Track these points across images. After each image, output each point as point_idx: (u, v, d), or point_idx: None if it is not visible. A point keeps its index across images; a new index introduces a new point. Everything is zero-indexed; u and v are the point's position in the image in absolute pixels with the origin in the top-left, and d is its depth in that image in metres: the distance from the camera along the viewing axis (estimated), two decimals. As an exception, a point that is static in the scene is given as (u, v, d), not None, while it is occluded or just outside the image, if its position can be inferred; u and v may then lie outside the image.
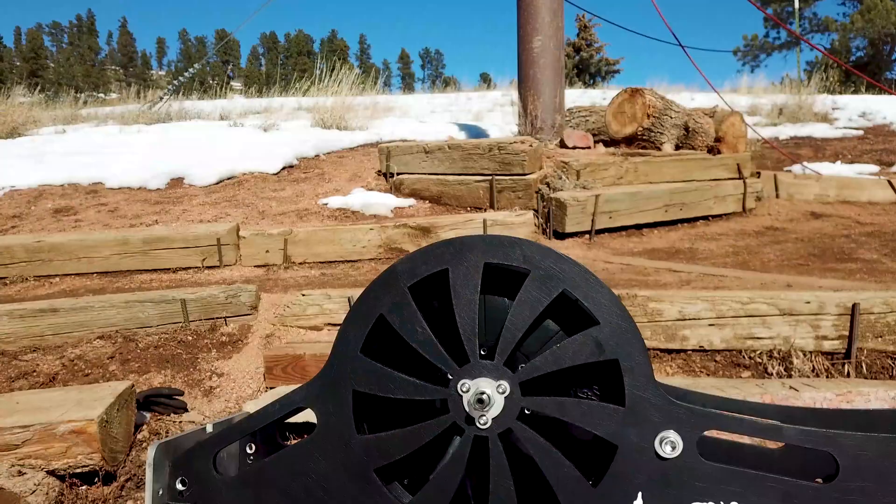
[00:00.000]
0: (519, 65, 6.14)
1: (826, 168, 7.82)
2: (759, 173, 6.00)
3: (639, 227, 4.86)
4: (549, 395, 0.95)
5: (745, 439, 1.12)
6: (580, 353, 0.95)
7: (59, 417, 2.16)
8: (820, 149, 9.66)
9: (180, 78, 10.99)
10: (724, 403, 1.13)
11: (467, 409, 0.95)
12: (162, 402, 2.59)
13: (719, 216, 5.25)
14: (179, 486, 1.04)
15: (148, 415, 2.60)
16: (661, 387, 0.92)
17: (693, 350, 2.79)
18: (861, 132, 10.91)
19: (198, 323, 3.14)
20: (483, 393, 0.93)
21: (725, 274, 3.58)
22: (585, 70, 38.45)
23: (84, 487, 2.23)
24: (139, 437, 2.46)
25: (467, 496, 1.03)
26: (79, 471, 2.19)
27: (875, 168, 8.03)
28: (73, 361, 2.90)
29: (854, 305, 2.61)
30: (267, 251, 4.35)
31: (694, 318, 2.74)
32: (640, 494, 0.93)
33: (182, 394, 2.64)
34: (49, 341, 3.06)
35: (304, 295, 3.17)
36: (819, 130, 10.98)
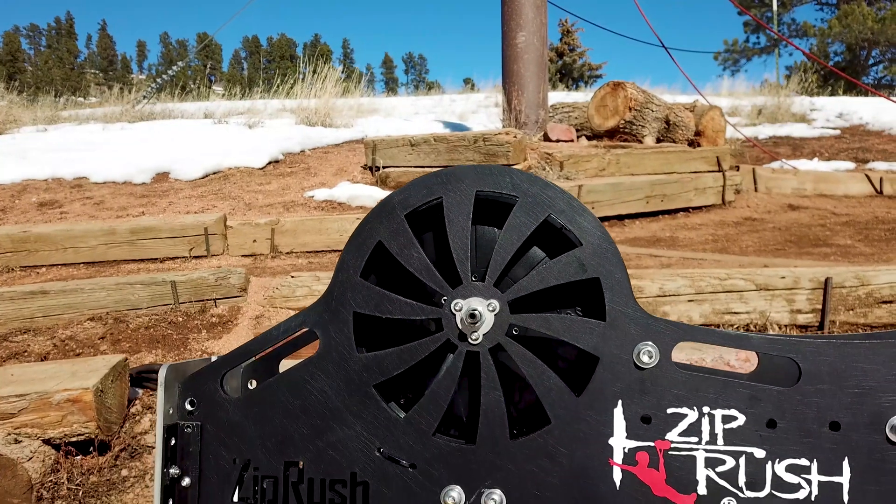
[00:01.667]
0: (503, 61, 6.23)
1: (804, 165, 7.97)
2: (738, 167, 6.12)
3: (621, 217, 4.95)
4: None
5: (719, 364, 1.20)
6: (564, 272, 1.02)
7: (54, 387, 2.20)
8: (798, 147, 9.84)
9: (163, 76, 10.98)
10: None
11: (460, 326, 1.02)
12: (154, 377, 2.63)
13: (699, 208, 5.36)
14: (188, 407, 1.10)
15: (140, 391, 2.63)
16: None
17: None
18: (838, 132, 11.12)
19: (188, 305, 3.18)
20: (475, 310, 1.00)
21: (705, 257, 3.67)
22: (568, 74, 38.75)
23: (79, 457, 2.27)
24: (132, 410, 2.50)
25: (459, 416, 1.10)
26: (74, 439, 2.22)
27: (851, 165, 8.20)
28: (65, 342, 2.93)
29: (827, 280, 2.70)
30: (254, 241, 4.39)
31: (674, 295, 2.82)
32: (619, 401, 1.00)
33: (174, 369, 2.67)
34: (39, 323, 3.08)
35: (292, 276, 3.22)
36: (797, 130, 11.17)
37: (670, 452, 0.98)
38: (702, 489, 0.98)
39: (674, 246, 4.22)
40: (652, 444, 0.99)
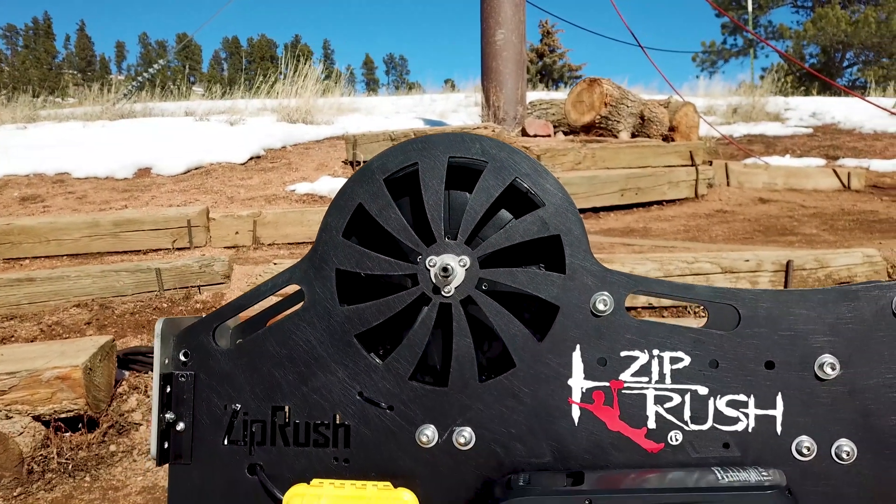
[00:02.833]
0: (482, 58, 6.33)
1: (776, 161, 8.16)
2: (710, 162, 6.27)
3: (596, 210, 5.07)
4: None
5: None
6: (529, 230, 1.11)
7: (44, 365, 2.26)
8: (771, 145, 10.05)
9: (143, 75, 10.96)
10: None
11: (434, 280, 1.11)
12: (140, 359, 2.69)
13: (673, 201, 5.49)
14: (182, 358, 1.18)
15: (127, 373, 2.70)
16: None
17: (643, 307, 2.97)
18: (811, 130, 11.36)
19: (172, 291, 3.25)
20: (447, 265, 1.09)
21: (675, 245, 3.79)
22: (549, 75, 38.98)
23: (69, 434, 2.33)
24: (119, 390, 2.57)
25: (433, 366, 1.19)
26: (64, 416, 2.29)
27: (822, 162, 8.40)
28: (51, 327, 2.98)
29: (788, 262, 2.83)
30: (237, 233, 4.45)
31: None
32: (577, 346, 1.10)
33: (160, 351, 2.74)
34: (26, 310, 3.14)
35: (275, 264, 3.30)
36: (771, 129, 11.40)
37: (623, 391, 1.09)
38: (651, 424, 1.08)
39: (647, 236, 4.34)
40: (607, 384, 1.09)
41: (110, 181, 5.83)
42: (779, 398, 1.06)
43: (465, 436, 1.11)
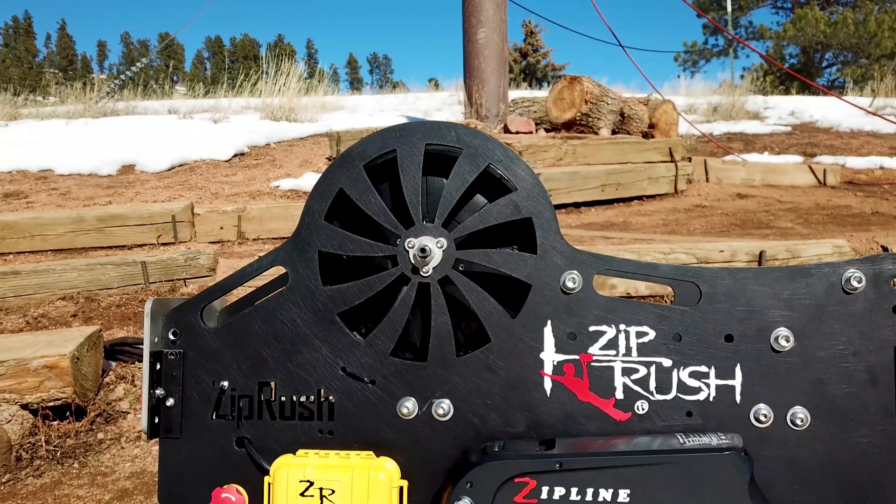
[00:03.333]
0: (465, 56, 6.40)
1: (755, 158, 8.29)
2: (690, 158, 6.37)
3: (577, 205, 5.15)
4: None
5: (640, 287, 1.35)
6: (502, 213, 1.17)
7: (32, 354, 2.30)
8: (750, 143, 10.20)
9: (127, 73, 10.93)
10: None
11: (412, 261, 1.17)
12: (127, 350, 2.73)
13: (653, 196, 5.58)
14: (171, 336, 1.23)
15: (114, 364, 2.73)
16: None
17: (620, 296, 3.04)
18: (789, 128, 11.54)
19: (158, 284, 3.28)
20: (425, 246, 1.15)
21: (654, 238, 3.87)
22: (532, 75, 39.15)
23: (56, 422, 2.37)
24: (106, 380, 2.60)
25: (413, 343, 1.25)
26: (51, 404, 2.32)
27: (799, 159, 8.54)
28: (37, 319, 3.01)
29: (761, 252, 2.91)
30: (221, 227, 4.48)
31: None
32: (549, 321, 1.16)
33: (146, 343, 2.77)
34: (11, 302, 3.16)
35: (261, 257, 3.33)
36: (751, 127, 11.56)
37: (592, 364, 1.15)
38: (619, 394, 1.14)
39: (626, 229, 4.41)
40: (577, 357, 1.15)
41: (94, 178, 5.83)
42: (738, 369, 1.13)
43: (443, 407, 1.17)
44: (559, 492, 1.02)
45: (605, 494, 1.01)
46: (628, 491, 1.01)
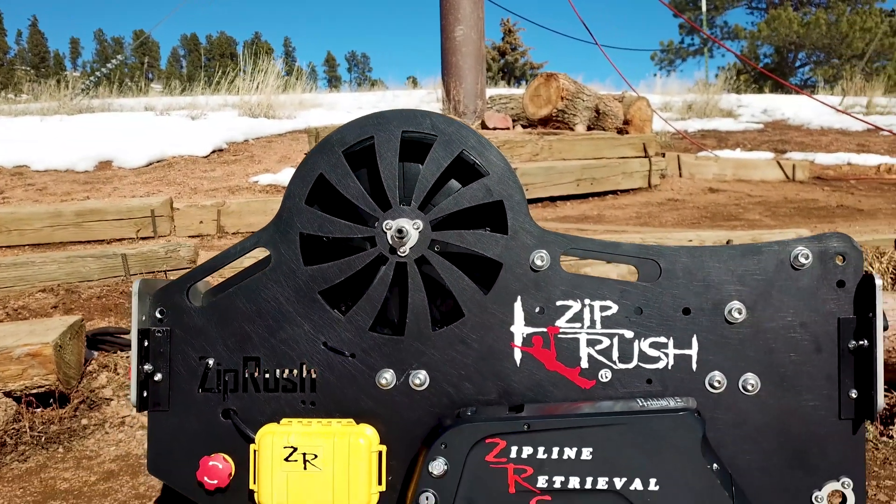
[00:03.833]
0: (442, 53, 6.46)
1: (727, 154, 8.45)
2: (663, 154, 6.50)
3: (553, 199, 5.24)
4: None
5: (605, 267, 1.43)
6: (475, 196, 1.25)
7: (15, 342, 2.33)
8: (724, 140, 10.38)
9: (103, 69, 10.85)
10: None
11: (390, 241, 1.24)
12: (109, 339, 2.76)
13: (627, 191, 5.69)
14: (158, 315, 1.29)
15: (96, 353, 2.77)
16: None
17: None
18: (762, 126, 11.75)
19: (138, 276, 3.31)
20: (402, 227, 1.22)
21: (626, 230, 3.97)
22: (510, 73, 39.31)
23: (40, 409, 2.40)
24: (89, 368, 2.64)
25: (391, 320, 1.32)
26: (35, 391, 2.36)
27: (770, 155, 8.72)
28: (17, 311, 3.03)
29: (728, 241, 3.01)
30: (201, 222, 4.51)
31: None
32: (519, 297, 1.24)
33: (128, 332, 2.81)
34: (-9, 295, 3.17)
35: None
36: (724, 124, 11.75)
37: (559, 336, 1.23)
38: (584, 364, 1.22)
39: (601, 222, 4.51)
40: (545, 329, 1.23)
41: (71, 174, 5.82)
42: (694, 339, 1.22)
43: (420, 378, 1.24)
44: (527, 451, 1.10)
45: (570, 452, 1.09)
46: (591, 449, 1.09)
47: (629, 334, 1.23)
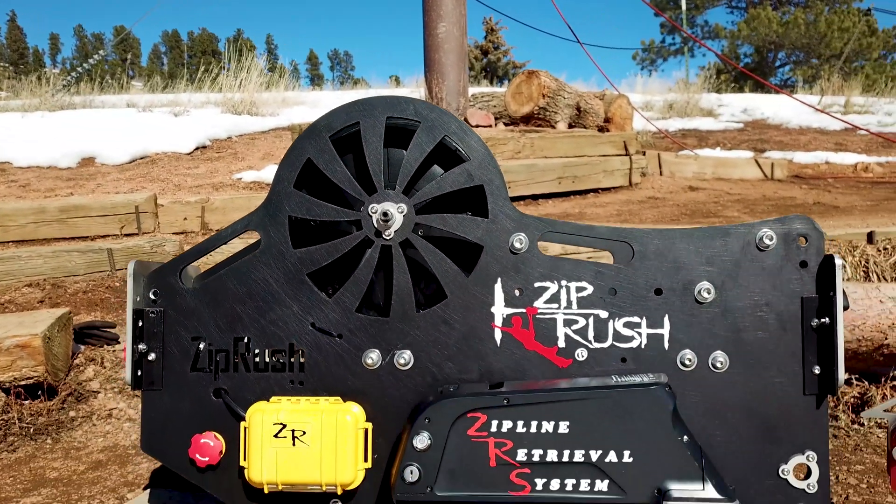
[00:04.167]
0: (425, 51, 6.51)
1: (707, 153, 8.56)
2: (644, 152, 6.59)
3: (535, 197, 5.31)
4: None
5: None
6: (457, 181, 1.30)
7: (3, 334, 2.35)
8: (704, 139, 10.50)
9: (84, 66, 10.78)
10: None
11: (375, 225, 1.29)
12: (95, 333, 2.79)
13: (608, 189, 5.77)
14: (152, 296, 1.33)
15: (83, 347, 2.79)
16: None
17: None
18: (741, 125, 11.89)
19: (124, 271, 3.33)
20: (387, 211, 1.27)
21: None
22: (493, 72, 39.36)
23: (29, 401, 2.42)
24: (76, 362, 2.66)
25: (377, 303, 1.37)
26: (24, 383, 2.38)
27: (750, 154, 8.84)
28: (4, 305, 3.05)
29: (705, 235, 3.08)
30: (185, 218, 4.52)
31: (574, 252, 3.15)
32: (499, 279, 1.29)
33: (114, 326, 2.84)
34: (-24, 290, 3.18)
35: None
36: (705, 124, 11.89)
37: (537, 316, 1.28)
38: (561, 343, 1.28)
39: (581, 219, 4.58)
40: (524, 310, 1.28)
41: (53, 170, 5.81)
42: (666, 319, 1.28)
43: (404, 357, 1.29)
44: (507, 425, 1.15)
45: (548, 426, 1.14)
46: (568, 423, 1.15)
47: (604, 314, 1.28)
